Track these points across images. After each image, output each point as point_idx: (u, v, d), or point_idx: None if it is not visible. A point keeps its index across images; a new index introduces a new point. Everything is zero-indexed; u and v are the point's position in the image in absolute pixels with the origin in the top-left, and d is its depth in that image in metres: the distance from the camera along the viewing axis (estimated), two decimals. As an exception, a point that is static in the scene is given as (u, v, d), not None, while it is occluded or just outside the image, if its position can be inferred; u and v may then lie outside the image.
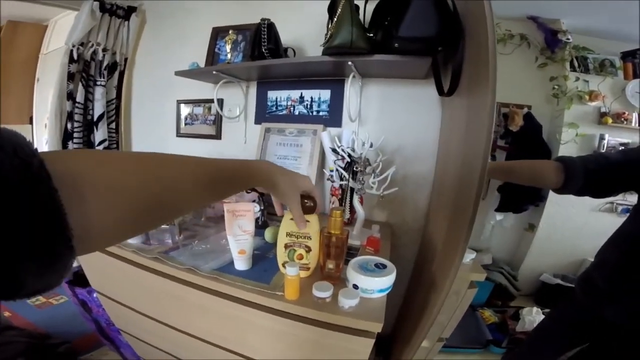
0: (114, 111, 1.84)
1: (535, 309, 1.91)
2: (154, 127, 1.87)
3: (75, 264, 1.37)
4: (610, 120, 2.19)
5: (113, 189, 0.27)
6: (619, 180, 0.82)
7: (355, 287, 0.72)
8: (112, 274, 1.01)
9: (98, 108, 1.75)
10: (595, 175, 0.80)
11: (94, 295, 1.34)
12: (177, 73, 1.45)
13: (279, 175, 0.58)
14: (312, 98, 1.42)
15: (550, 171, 0.83)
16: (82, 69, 1.70)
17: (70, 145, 1.73)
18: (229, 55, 1.37)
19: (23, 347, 1.34)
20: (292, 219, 0.80)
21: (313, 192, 0.66)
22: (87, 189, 0.24)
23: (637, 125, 2.21)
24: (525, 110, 2.20)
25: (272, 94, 1.50)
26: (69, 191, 0.22)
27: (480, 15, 0.69)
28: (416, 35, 0.95)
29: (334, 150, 1.12)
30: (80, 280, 1.44)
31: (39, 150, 0.21)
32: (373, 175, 1.02)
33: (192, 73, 1.45)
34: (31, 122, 2.73)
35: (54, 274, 0.21)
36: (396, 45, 0.99)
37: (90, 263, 1.09)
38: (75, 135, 1.73)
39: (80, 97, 1.70)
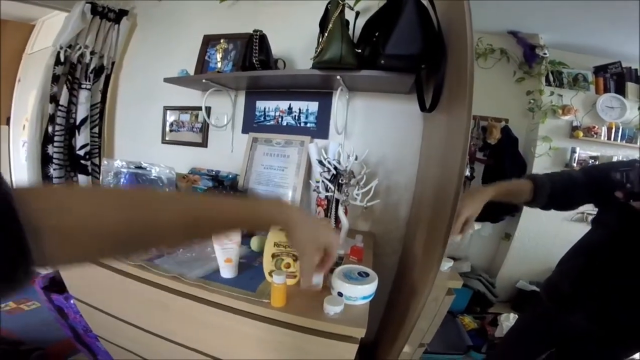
0: (97, 115, 1.80)
1: (512, 314, 1.98)
2: (139, 132, 1.85)
3: (51, 270, 1.33)
4: (581, 134, 2.30)
5: (71, 233, 0.28)
6: (580, 196, 0.93)
7: (340, 294, 0.75)
8: (93, 281, 1.00)
9: (81, 112, 1.71)
10: (558, 195, 0.90)
11: (71, 301, 1.32)
12: (166, 80, 1.45)
13: (299, 229, 0.49)
14: (300, 109, 1.45)
15: (526, 190, 0.91)
16: (68, 71, 1.67)
17: (50, 149, 1.69)
18: (219, 64, 1.37)
19: (-5, 353, 1.29)
20: (281, 229, 0.82)
21: (331, 249, 0.55)
22: (44, 228, 0.26)
23: (606, 139, 2.33)
24: (503, 123, 2.29)
25: (260, 104, 1.52)
26: (28, 229, 0.24)
27: (461, 34, 0.74)
28: (401, 53, 0.99)
29: (320, 162, 1.15)
30: (56, 286, 1.41)
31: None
32: (357, 187, 1.05)
33: (181, 80, 1.46)
34: (8, 123, 2.64)
35: (13, 290, 0.25)
36: (382, 62, 1.03)
37: (69, 270, 1.07)
38: (56, 138, 1.69)
39: (64, 100, 1.67)
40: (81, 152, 1.73)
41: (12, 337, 1.47)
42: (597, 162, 2.30)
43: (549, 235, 2.38)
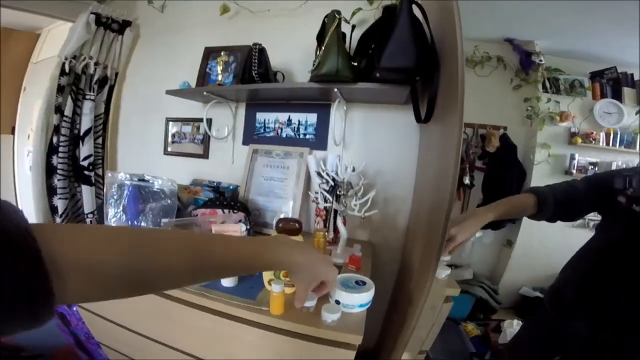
0: (101, 126, 1.82)
1: (516, 321, 1.97)
2: (141, 144, 1.87)
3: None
4: (579, 140, 2.30)
5: (90, 272, 0.30)
6: (584, 206, 0.94)
7: (338, 302, 0.77)
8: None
9: (85, 122, 1.73)
10: (563, 205, 0.91)
11: (74, 308, 1.34)
12: (168, 92, 1.48)
13: (300, 273, 0.55)
14: (299, 121, 1.47)
15: (529, 205, 0.92)
16: (73, 82, 1.69)
17: (55, 160, 1.71)
18: (220, 77, 1.40)
19: (-5, 360, 1.30)
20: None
21: (328, 283, 0.61)
22: (65, 271, 0.28)
23: (604, 144, 2.33)
24: (502, 131, 2.31)
25: (260, 116, 1.54)
26: (51, 272, 0.26)
27: (453, 45, 0.75)
28: (396, 65, 1.00)
29: (318, 174, 1.17)
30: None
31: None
32: (355, 198, 1.07)
33: (183, 92, 1.48)
34: (13, 132, 2.67)
35: (36, 326, 0.26)
36: (378, 75, 1.05)
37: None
38: (60, 149, 1.70)
39: (68, 110, 1.68)
40: (85, 163, 1.74)
41: (12, 343, 1.47)
42: (597, 169, 2.31)
43: (551, 242, 2.37)
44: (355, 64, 1.15)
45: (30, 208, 1.80)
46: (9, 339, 1.45)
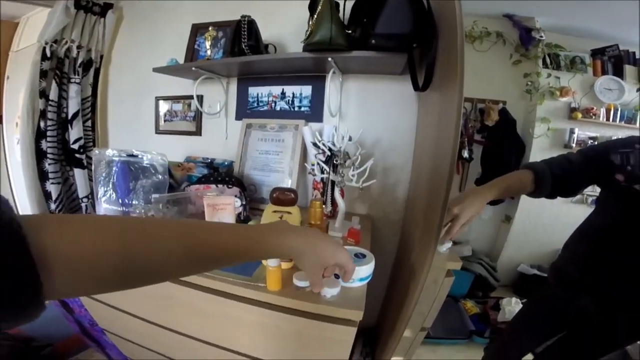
0: (89, 109, 1.78)
1: (514, 299, 1.99)
2: (132, 124, 1.84)
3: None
4: (579, 115, 2.29)
5: (80, 263, 0.28)
6: (582, 180, 0.91)
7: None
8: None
9: (73, 106, 1.69)
10: (561, 180, 0.88)
11: None
12: (155, 70, 1.43)
13: (304, 258, 0.51)
14: (293, 94, 1.43)
15: (527, 182, 0.89)
16: (56, 66, 1.64)
17: (44, 144, 1.67)
18: (208, 52, 1.36)
19: (7, 351, 1.32)
20: (274, 211, 0.81)
21: (345, 266, 0.57)
22: (55, 265, 0.26)
23: (605, 120, 2.32)
24: (501, 105, 2.29)
25: (253, 90, 1.50)
26: (39, 263, 0.25)
27: (451, 15, 0.72)
28: (391, 32, 0.98)
29: (314, 144, 1.14)
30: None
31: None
32: (352, 168, 1.04)
33: (171, 69, 1.43)
34: (0, 122, 2.62)
35: (25, 320, 0.26)
36: (373, 41, 1.02)
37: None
38: (49, 134, 1.67)
39: (53, 95, 1.64)
40: (75, 146, 1.71)
41: (22, 334, 1.48)
42: (596, 143, 2.29)
43: (549, 218, 2.39)
44: (350, 32, 1.10)
45: (23, 195, 1.78)
46: (18, 330, 1.45)
